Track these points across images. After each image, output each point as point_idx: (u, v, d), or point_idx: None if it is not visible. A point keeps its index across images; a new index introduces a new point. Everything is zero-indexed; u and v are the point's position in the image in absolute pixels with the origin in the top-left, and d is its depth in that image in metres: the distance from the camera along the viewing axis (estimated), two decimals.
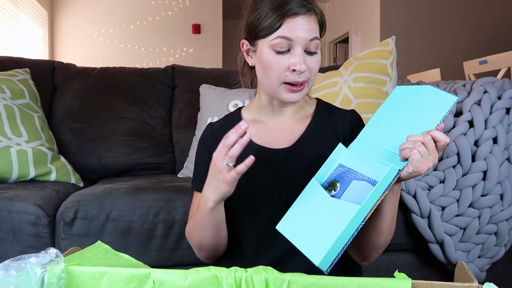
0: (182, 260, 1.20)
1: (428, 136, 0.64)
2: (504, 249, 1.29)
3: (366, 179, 0.66)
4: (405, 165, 0.64)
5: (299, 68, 0.74)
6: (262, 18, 0.76)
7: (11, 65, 1.74)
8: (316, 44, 0.76)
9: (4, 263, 0.50)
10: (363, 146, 0.72)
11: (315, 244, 0.62)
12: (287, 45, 0.75)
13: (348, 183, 0.68)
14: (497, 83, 1.33)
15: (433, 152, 0.65)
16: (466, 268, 0.54)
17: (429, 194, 1.23)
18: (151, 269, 0.54)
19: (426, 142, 0.63)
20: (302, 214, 0.68)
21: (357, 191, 0.66)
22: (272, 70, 0.77)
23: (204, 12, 5.46)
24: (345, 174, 0.70)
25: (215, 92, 1.74)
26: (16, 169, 1.37)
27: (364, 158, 0.70)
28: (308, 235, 0.65)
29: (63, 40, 5.21)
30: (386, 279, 0.50)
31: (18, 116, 1.47)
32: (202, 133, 0.91)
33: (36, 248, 1.16)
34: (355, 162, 0.70)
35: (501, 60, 2.57)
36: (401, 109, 0.72)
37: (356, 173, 0.68)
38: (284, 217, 0.70)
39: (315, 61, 0.78)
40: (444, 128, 1.32)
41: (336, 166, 0.73)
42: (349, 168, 0.70)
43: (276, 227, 0.69)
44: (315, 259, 0.60)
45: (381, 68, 1.55)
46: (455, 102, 0.66)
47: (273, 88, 0.79)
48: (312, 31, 0.75)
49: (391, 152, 0.68)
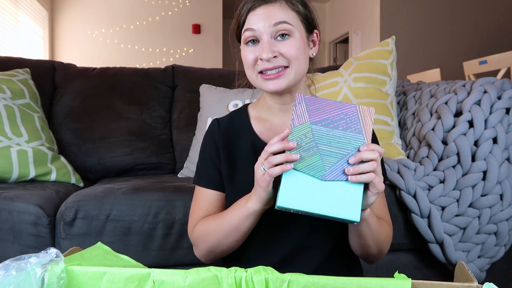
0: (182, 260, 1.20)
1: (376, 153, 0.65)
2: (504, 249, 1.29)
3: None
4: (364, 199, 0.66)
5: (263, 55, 0.76)
6: (235, 19, 0.83)
7: (11, 65, 1.74)
8: (284, 28, 0.77)
9: (4, 263, 0.50)
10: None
11: (341, 202, 0.64)
12: (253, 36, 0.78)
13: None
14: (497, 83, 1.33)
15: (380, 166, 0.66)
16: (466, 268, 0.54)
17: (429, 194, 1.23)
18: (151, 269, 0.54)
19: (376, 159, 0.65)
20: (301, 181, 0.66)
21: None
22: (246, 63, 0.80)
23: (204, 12, 5.46)
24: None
25: (215, 92, 1.74)
26: (16, 169, 1.37)
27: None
28: (324, 197, 0.64)
29: (63, 40, 5.21)
30: (386, 279, 0.50)
31: (18, 116, 1.47)
32: (208, 128, 0.91)
33: (36, 248, 1.16)
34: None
35: (501, 60, 2.57)
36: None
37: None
38: (281, 191, 0.65)
39: (287, 44, 0.77)
40: (444, 128, 1.32)
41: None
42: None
43: (278, 204, 0.64)
44: (353, 215, 0.63)
45: (381, 68, 1.55)
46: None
47: (254, 81, 0.81)
48: (274, 17, 0.77)
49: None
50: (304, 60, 0.81)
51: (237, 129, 0.88)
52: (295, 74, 0.79)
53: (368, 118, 0.69)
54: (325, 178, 0.65)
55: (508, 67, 2.52)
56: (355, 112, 0.69)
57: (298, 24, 0.80)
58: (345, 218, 0.64)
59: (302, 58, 0.80)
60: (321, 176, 0.65)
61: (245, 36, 0.80)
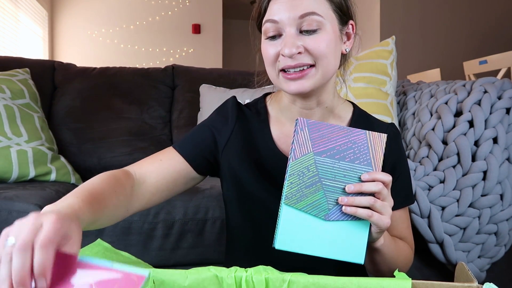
0: (182, 260, 1.21)
1: (380, 185, 0.57)
2: (504, 249, 1.29)
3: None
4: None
5: (285, 51, 0.65)
6: (257, 6, 0.72)
7: (11, 65, 1.74)
8: (312, 20, 0.65)
9: None
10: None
11: (345, 244, 0.58)
12: (276, 29, 0.67)
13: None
14: (497, 83, 1.33)
15: (388, 197, 0.59)
16: (466, 268, 0.54)
17: (429, 194, 1.22)
18: (151, 269, 0.53)
19: (380, 191, 0.57)
20: (302, 222, 0.59)
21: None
22: (266, 59, 0.70)
23: (204, 12, 5.46)
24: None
25: (215, 92, 1.74)
26: (16, 169, 1.37)
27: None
28: (326, 238, 0.59)
29: (63, 40, 5.21)
30: (386, 279, 0.50)
31: (18, 116, 1.47)
32: (226, 103, 0.81)
33: None
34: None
35: (501, 60, 2.57)
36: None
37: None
38: (279, 232, 0.59)
39: (315, 39, 0.66)
40: (444, 128, 1.32)
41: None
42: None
43: (276, 247, 0.59)
44: (357, 258, 0.58)
45: (381, 68, 1.55)
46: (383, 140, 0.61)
47: (274, 80, 0.71)
48: (301, 7, 0.65)
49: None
50: (334, 58, 0.69)
51: (255, 127, 0.78)
52: (322, 74, 0.68)
53: (378, 147, 0.60)
54: (328, 218, 0.58)
55: (508, 67, 2.52)
56: (365, 140, 0.60)
57: (330, 15, 0.67)
58: (348, 260, 0.59)
59: (332, 55, 0.68)
60: (324, 216, 0.58)
61: (266, 28, 0.68)
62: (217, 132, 0.78)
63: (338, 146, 0.59)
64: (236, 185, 0.77)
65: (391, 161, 0.75)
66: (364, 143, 0.60)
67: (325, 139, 0.59)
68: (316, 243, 0.58)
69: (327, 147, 0.59)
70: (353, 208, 0.57)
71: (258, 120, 0.79)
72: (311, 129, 0.59)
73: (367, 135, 0.60)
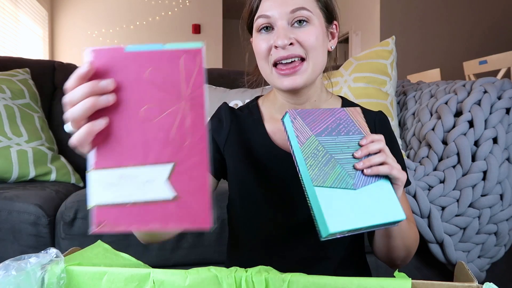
0: (182, 260, 1.21)
1: (381, 142, 0.60)
2: (504, 249, 1.29)
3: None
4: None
5: (278, 42, 0.68)
6: (247, 6, 0.75)
7: (11, 65, 1.74)
8: (302, 14, 0.69)
9: (4, 263, 0.50)
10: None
11: (382, 206, 0.59)
12: (268, 23, 0.71)
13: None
14: (497, 83, 1.33)
15: (391, 154, 0.61)
16: (466, 268, 0.54)
17: (429, 194, 1.23)
18: (151, 269, 0.53)
19: (382, 148, 0.60)
20: (338, 197, 0.59)
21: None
22: (259, 53, 0.72)
23: (204, 12, 5.47)
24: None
25: (215, 92, 1.74)
26: (16, 169, 1.37)
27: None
28: (365, 206, 0.59)
29: (63, 40, 5.21)
30: (386, 279, 0.50)
31: (18, 116, 1.47)
32: (219, 109, 0.83)
33: (36, 248, 1.16)
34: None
35: (501, 60, 2.57)
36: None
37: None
38: (326, 216, 0.57)
39: (306, 32, 0.69)
40: (444, 128, 1.32)
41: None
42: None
43: (329, 231, 0.57)
44: (398, 214, 0.59)
45: (381, 68, 1.55)
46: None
47: (268, 76, 0.74)
48: (291, 3, 0.69)
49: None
50: (323, 52, 0.73)
51: (249, 126, 0.81)
52: (313, 67, 0.71)
53: (359, 118, 0.66)
54: (357, 187, 0.60)
55: (508, 67, 2.52)
56: (347, 115, 0.66)
57: (317, 12, 0.72)
58: (392, 220, 0.59)
59: (321, 49, 0.72)
60: (353, 185, 0.60)
61: (258, 23, 0.72)
62: (216, 134, 0.80)
63: (330, 125, 0.64)
64: (238, 183, 0.79)
65: None
66: (347, 118, 0.66)
67: (316, 122, 0.64)
68: (359, 214, 0.58)
69: (321, 128, 0.64)
70: (374, 168, 0.59)
71: (252, 119, 0.81)
72: (303, 116, 0.64)
73: (346, 111, 0.66)
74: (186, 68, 0.46)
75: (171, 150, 0.45)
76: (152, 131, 0.45)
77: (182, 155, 0.45)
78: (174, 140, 0.45)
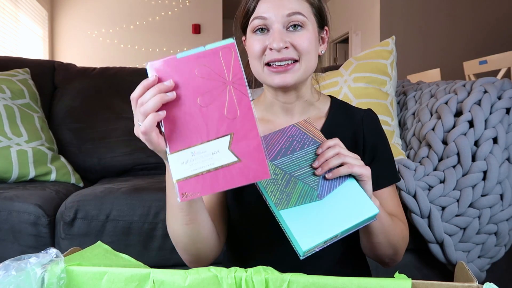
0: (182, 260, 1.20)
1: (336, 147, 0.63)
2: (504, 249, 1.29)
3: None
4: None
5: (273, 45, 0.70)
6: (243, 7, 0.77)
7: (11, 65, 1.74)
8: (298, 19, 0.72)
9: (4, 263, 0.50)
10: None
11: (352, 207, 0.61)
12: (263, 25, 0.73)
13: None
14: (497, 83, 1.33)
15: (350, 153, 0.64)
16: (466, 268, 0.54)
17: (429, 194, 1.23)
18: (151, 269, 0.54)
19: (339, 152, 0.63)
20: (304, 213, 0.61)
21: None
22: (253, 53, 0.74)
23: (204, 12, 5.47)
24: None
25: None
26: (16, 169, 1.37)
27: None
28: (334, 213, 0.61)
29: (63, 40, 5.21)
30: (386, 279, 0.50)
31: (18, 116, 1.47)
32: None
33: (36, 248, 1.16)
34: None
35: (501, 60, 2.57)
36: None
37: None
38: (296, 236, 0.59)
39: (300, 36, 0.72)
40: (444, 128, 1.32)
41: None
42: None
43: (303, 250, 0.57)
44: (371, 210, 0.60)
45: (381, 68, 1.55)
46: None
47: (259, 73, 0.75)
48: (288, 6, 0.71)
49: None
50: (315, 56, 0.76)
51: None
52: (304, 69, 0.74)
53: (311, 128, 0.68)
54: (322, 197, 0.62)
55: (508, 67, 2.52)
56: (297, 130, 0.68)
57: (311, 17, 0.75)
58: (367, 217, 0.60)
59: (314, 53, 0.75)
60: (317, 197, 0.62)
61: (254, 24, 0.73)
62: None
63: (283, 145, 0.67)
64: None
65: (372, 142, 0.80)
66: (299, 132, 0.68)
67: (269, 146, 0.67)
68: (330, 223, 0.60)
69: (276, 151, 0.66)
70: (334, 171, 0.62)
71: None
72: None
73: (296, 125, 0.69)
74: (225, 60, 0.55)
75: (227, 125, 0.55)
76: (209, 114, 0.55)
77: (235, 126, 0.55)
78: (227, 117, 0.55)
